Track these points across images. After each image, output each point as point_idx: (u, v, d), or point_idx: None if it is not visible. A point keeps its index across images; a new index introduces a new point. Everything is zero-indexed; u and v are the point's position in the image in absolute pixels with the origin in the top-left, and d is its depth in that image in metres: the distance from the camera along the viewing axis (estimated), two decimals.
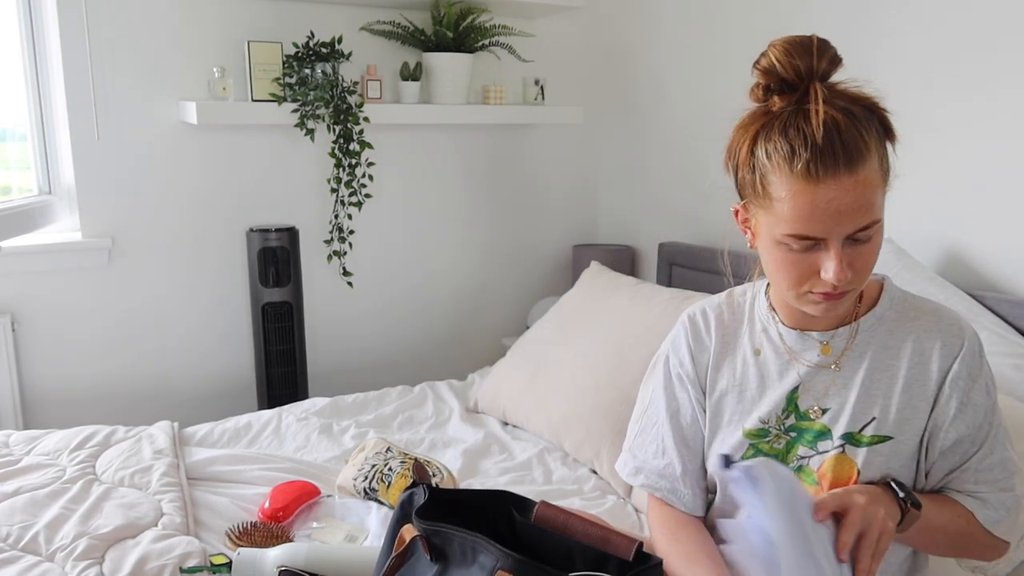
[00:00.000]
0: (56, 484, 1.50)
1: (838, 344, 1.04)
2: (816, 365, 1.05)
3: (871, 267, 0.96)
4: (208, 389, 2.32)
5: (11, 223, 1.84)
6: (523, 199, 2.71)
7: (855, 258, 0.94)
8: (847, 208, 0.90)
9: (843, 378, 1.03)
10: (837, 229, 0.92)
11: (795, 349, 1.06)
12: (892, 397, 1.01)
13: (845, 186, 0.90)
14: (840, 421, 1.02)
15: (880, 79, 1.87)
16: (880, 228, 0.95)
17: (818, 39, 0.95)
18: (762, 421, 1.07)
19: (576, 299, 2.11)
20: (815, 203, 0.91)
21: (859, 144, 0.90)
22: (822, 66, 0.94)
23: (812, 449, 1.03)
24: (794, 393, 1.06)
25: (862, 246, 0.94)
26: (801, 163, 0.90)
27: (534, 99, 2.52)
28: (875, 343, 1.03)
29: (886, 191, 0.96)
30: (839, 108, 0.92)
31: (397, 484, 1.53)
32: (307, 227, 2.35)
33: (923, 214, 1.81)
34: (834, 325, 1.05)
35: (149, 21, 2.06)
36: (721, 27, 2.27)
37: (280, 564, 1.20)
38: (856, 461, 1.00)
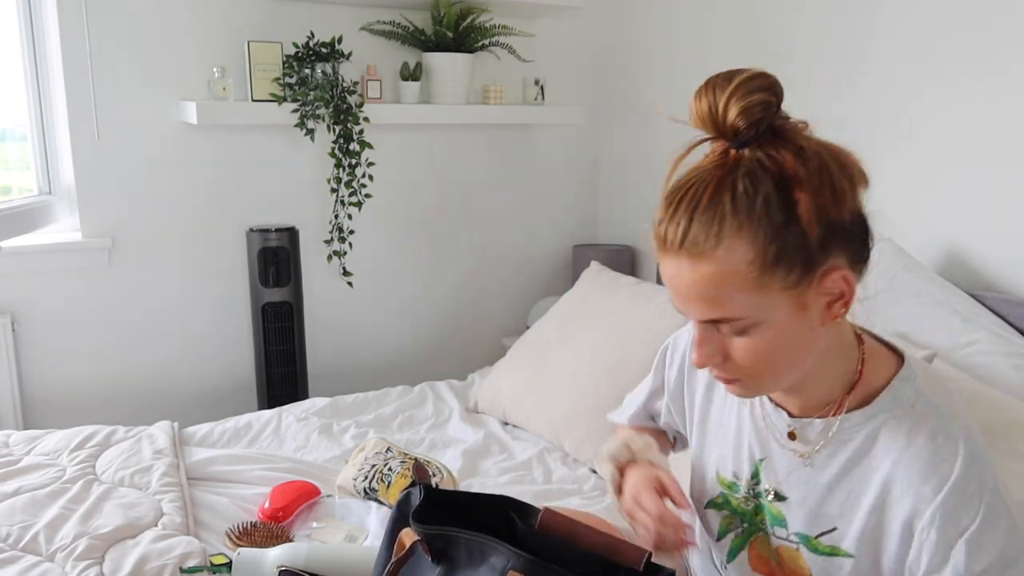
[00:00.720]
0: (56, 484, 1.50)
1: (809, 434, 0.88)
2: (782, 445, 0.91)
3: (763, 365, 0.81)
4: (208, 389, 2.32)
5: (11, 223, 1.84)
6: (523, 199, 2.71)
7: (729, 348, 0.81)
8: (686, 293, 0.79)
9: (810, 473, 0.89)
10: (686, 309, 0.81)
11: (770, 419, 0.93)
12: (857, 511, 0.85)
13: (683, 269, 0.78)
14: (797, 517, 0.90)
15: (879, 79, 1.87)
16: (771, 330, 0.78)
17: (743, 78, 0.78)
18: (735, 475, 0.97)
19: (576, 299, 2.11)
20: (665, 273, 0.81)
21: (709, 231, 0.75)
22: (728, 117, 0.77)
23: (771, 529, 0.94)
24: (760, 464, 0.94)
25: (738, 338, 0.80)
26: (655, 224, 0.80)
27: (534, 99, 2.52)
28: (854, 446, 0.85)
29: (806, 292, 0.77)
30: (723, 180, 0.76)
31: (397, 484, 1.53)
32: (307, 227, 2.35)
33: (923, 214, 1.81)
34: (812, 410, 0.88)
35: (149, 21, 2.06)
36: (721, 27, 2.27)
37: (280, 564, 1.20)
38: (811, 568, 0.89)
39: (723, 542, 0.99)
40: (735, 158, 0.77)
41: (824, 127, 0.85)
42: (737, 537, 0.98)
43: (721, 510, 0.99)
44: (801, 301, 0.78)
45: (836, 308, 0.80)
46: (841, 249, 0.78)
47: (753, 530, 0.96)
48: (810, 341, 0.81)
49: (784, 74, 0.86)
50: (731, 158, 0.77)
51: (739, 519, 0.98)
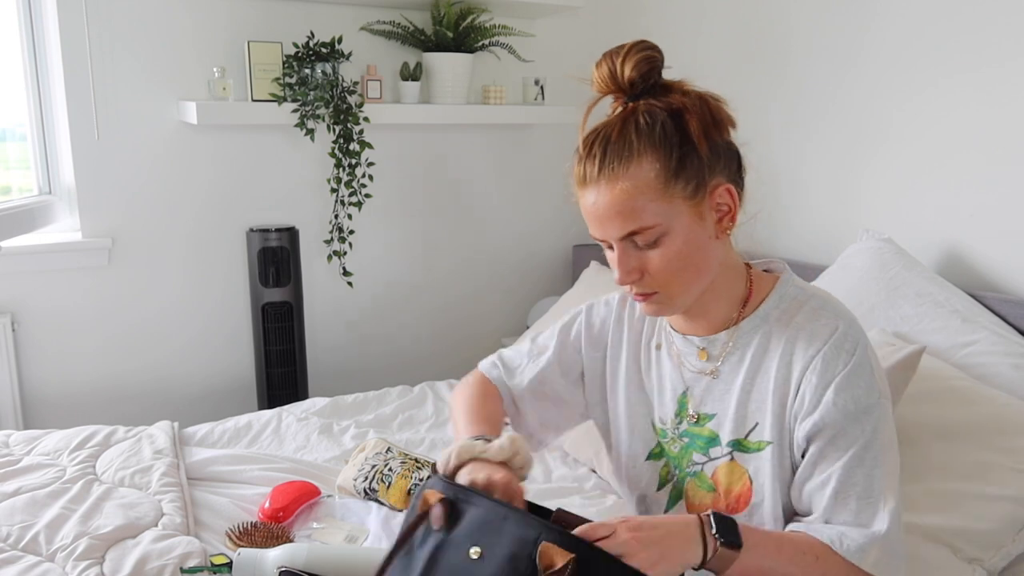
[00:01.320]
0: (56, 484, 1.50)
1: (716, 349, 1.03)
2: (697, 371, 1.04)
3: (673, 273, 0.95)
4: (208, 389, 2.32)
5: (11, 223, 1.84)
6: (523, 199, 2.71)
7: (645, 262, 0.96)
8: (606, 212, 0.94)
9: (723, 384, 1.02)
10: (605, 231, 0.96)
11: (682, 352, 1.06)
12: (767, 401, 0.98)
13: (602, 192, 0.94)
14: (725, 428, 1.01)
15: (879, 79, 1.87)
16: (676, 236, 0.94)
17: (632, 45, 0.95)
18: (660, 421, 1.08)
19: (576, 299, 2.11)
20: (586, 206, 0.97)
21: (622, 152, 0.92)
22: (624, 74, 0.95)
23: (705, 455, 1.03)
24: (683, 398, 1.06)
25: (651, 251, 0.95)
26: (575, 169, 0.97)
27: (534, 99, 2.52)
28: (755, 345, 1.00)
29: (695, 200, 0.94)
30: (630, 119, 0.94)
31: (397, 484, 1.53)
32: (307, 227, 2.35)
33: (923, 214, 1.81)
34: (716, 328, 1.03)
35: (149, 21, 2.06)
36: (719, 27, 2.27)
37: (280, 564, 1.20)
38: (746, 468, 0.99)
39: (662, 492, 1.09)
40: (632, 107, 0.95)
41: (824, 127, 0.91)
42: (674, 486, 1.07)
43: (659, 459, 1.09)
44: (699, 211, 0.94)
45: (725, 222, 0.97)
46: (724, 168, 0.96)
47: (683, 476, 1.06)
48: (709, 252, 0.97)
49: (781, 73, 0.90)
50: (630, 107, 0.95)
51: (672, 466, 1.07)
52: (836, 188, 2.00)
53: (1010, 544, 1.27)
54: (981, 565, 1.25)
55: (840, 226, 1.99)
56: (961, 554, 1.25)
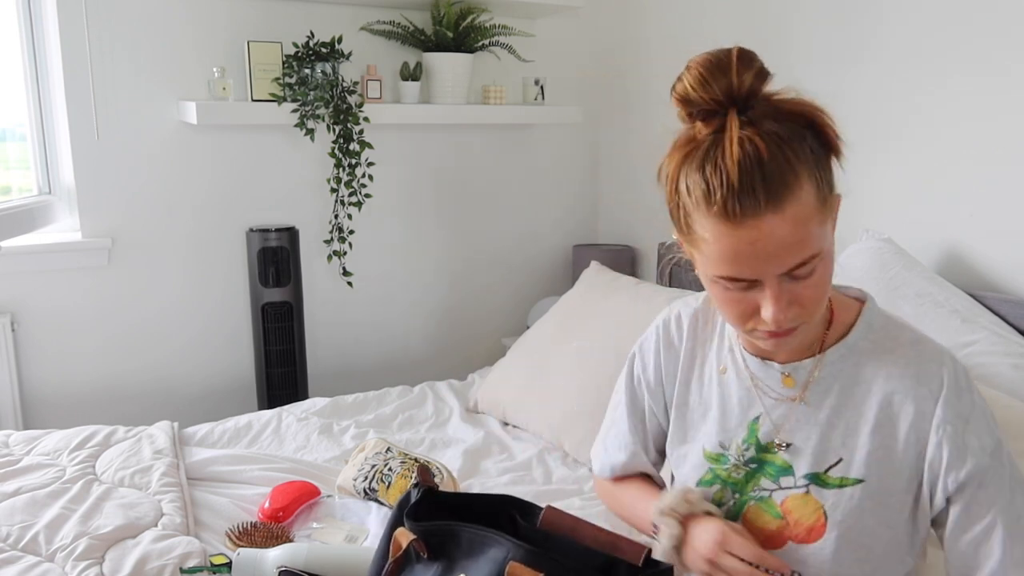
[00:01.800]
0: (56, 484, 1.50)
1: (801, 376, 0.95)
2: (779, 397, 0.97)
3: (820, 300, 0.87)
4: (208, 389, 2.32)
5: (11, 223, 1.84)
6: (523, 199, 2.71)
7: (798, 294, 0.85)
8: (775, 248, 0.81)
9: (808, 413, 0.95)
10: (767, 270, 0.82)
11: (758, 376, 0.98)
12: (859, 437, 0.91)
13: (771, 225, 0.79)
14: (803, 459, 0.95)
15: (879, 79, 1.87)
16: (825, 260, 0.85)
17: (739, 52, 0.82)
18: (722, 446, 1.01)
19: (576, 299, 2.11)
20: (738, 246, 0.81)
21: (785, 177, 0.79)
22: (744, 85, 0.81)
23: (775, 483, 0.97)
24: (755, 424, 0.98)
25: (804, 281, 0.84)
26: (718, 204, 0.80)
27: (534, 99, 2.52)
28: (843, 376, 0.93)
29: (831, 214, 0.86)
30: (765, 133, 0.80)
31: (397, 484, 1.53)
32: (307, 227, 2.35)
33: (923, 214, 1.81)
34: (798, 356, 0.95)
35: (149, 21, 2.06)
36: (721, 26, 2.27)
37: (280, 564, 1.20)
38: (823, 504, 0.93)
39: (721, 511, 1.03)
40: (749, 119, 0.81)
41: None
42: (729, 511, 1.00)
43: (711, 486, 1.02)
44: (833, 224, 0.87)
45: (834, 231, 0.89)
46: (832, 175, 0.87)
47: (744, 500, 0.99)
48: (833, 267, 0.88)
49: (782, 75, 0.88)
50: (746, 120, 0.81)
51: (730, 491, 1.00)
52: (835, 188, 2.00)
53: None
54: None
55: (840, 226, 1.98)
56: None
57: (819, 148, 0.84)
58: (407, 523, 0.94)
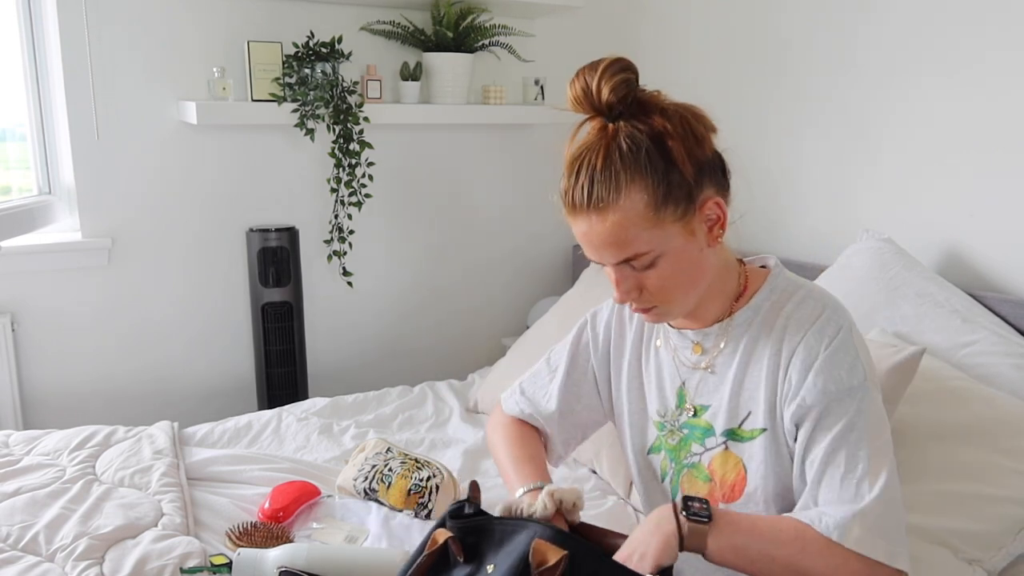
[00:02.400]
0: (56, 484, 1.50)
1: (709, 342, 1.06)
2: (692, 365, 1.08)
3: (671, 289, 0.98)
4: (208, 389, 2.32)
5: (11, 223, 1.84)
6: (523, 199, 2.71)
7: (642, 282, 0.98)
8: (599, 243, 0.96)
9: (717, 376, 1.05)
10: (600, 257, 0.98)
11: (678, 346, 1.10)
12: (759, 389, 1.00)
13: (592, 224, 0.95)
14: (719, 418, 1.04)
15: (878, 79, 1.87)
16: (670, 256, 0.96)
17: (608, 63, 0.94)
18: (659, 415, 1.12)
19: (576, 299, 2.11)
20: (578, 232, 0.98)
21: (610, 187, 0.92)
22: (602, 98, 0.94)
23: (702, 446, 1.06)
24: (681, 390, 1.09)
25: (648, 271, 0.97)
26: (562, 194, 0.98)
27: (534, 99, 2.52)
28: (747, 337, 1.03)
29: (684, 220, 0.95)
30: (612, 144, 0.93)
31: (397, 484, 1.53)
32: (307, 227, 2.35)
33: (923, 214, 1.81)
34: (709, 322, 1.06)
35: (149, 21, 2.06)
36: (721, 26, 2.27)
37: (280, 565, 1.20)
38: (740, 457, 1.02)
39: (666, 483, 1.12)
40: (614, 129, 0.95)
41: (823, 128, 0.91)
42: (672, 479, 1.11)
43: (658, 452, 1.13)
44: (689, 229, 0.96)
45: (716, 230, 0.99)
46: (710, 181, 0.97)
47: (680, 468, 1.09)
48: (703, 262, 0.99)
49: (780, 74, 0.90)
50: (610, 130, 0.95)
51: (669, 459, 1.11)
52: (836, 188, 2.00)
53: (1010, 544, 1.27)
54: (981, 566, 1.25)
55: (840, 226, 1.99)
56: (961, 555, 1.25)
57: (661, 163, 0.93)
58: (448, 522, 0.97)
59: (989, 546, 1.26)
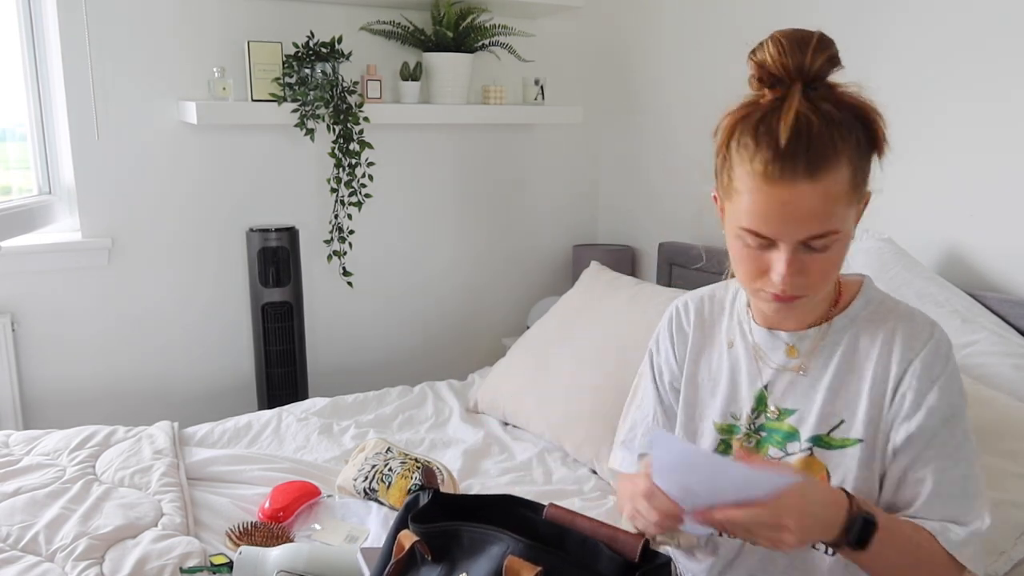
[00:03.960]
0: (56, 484, 1.50)
1: (805, 346, 1.02)
2: (782, 367, 1.04)
3: (828, 277, 0.95)
4: (208, 389, 2.32)
5: (11, 223, 1.84)
6: (523, 199, 2.71)
7: (808, 264, 0.92)
8: (801, 214, 0.89)
9: (809, 381, 1.02)
10: (788, 233, 0.90)
11: (763, 347, 1.06)
12: (860, 400, 0.98)
13: (802, 192, 0.88)
14: (807, 423, 1.01)
15: (879, 79, 1.87)
16: (841, 240, 0.93)
17: (819, 36, 0.93)
18: (733, 416, 1.07)
19: (576, 299, 2.11)
20: (770, 203, 0.89)
21: (827, 152, 0.87)
22: (815, 65, 0.91)
23: (782, 450, 1.03)
24: (762, 392, 1.05)
25: (817, 254, 0.92)
26: (760, 161, 0.88)
27: (534, 99, 2.52)
28: (844, 344, 1.01)
29: (860, 205, 0.94)
30: (820, 111, 0.88)
31: (397, 484, 1.53)
32: (307, 227, 2.35)
33: (923, 214, 1.81)
34: (804, 325, 1.03)
35: (149, 21, 2.06)
36: (721, 26, 2.27)
37: (281, 567, 1.20)
38: (826, 464, 0.99)
39: None
40: (813, 97, 0.90)
41: None
42: None
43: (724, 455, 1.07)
44: (858, 214, 0.95)
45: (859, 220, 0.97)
46: None
47: None
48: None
49: None
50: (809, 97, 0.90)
51: None
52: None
53: (1012, 549, 1.26)
54: None
55: None
56: None
57: (865, 141, 0.91)
58: (411, 526, 0.94)
59: (990, 551, 1.25)
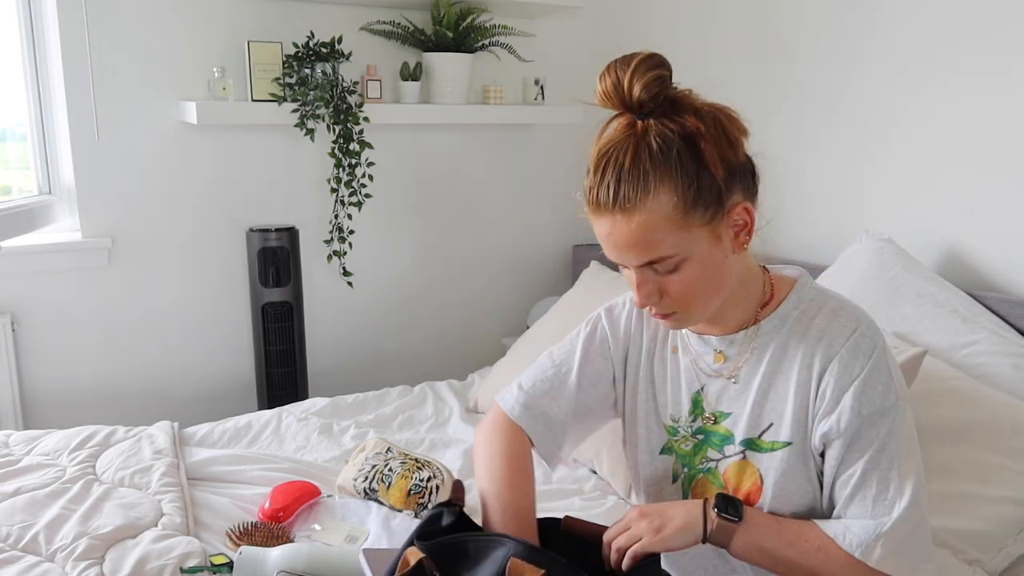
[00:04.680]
0: (56, 484, 1.50)
1: (733, 350, 1.03)
2: (714, 372, 1.04)
3: (693, 295, 0.95)
4: (208, 389, 2.32)
5: (11, 223, 1.84)
6: (523, 199, 2.71)
7: (665, 285, 0.94)
8: (623, 244, 0.92)
9: (740, 385, 1.02)
10: (621, 258, 0.94)
11: (698, 352, 1.06)
12: (787, 402, 0.98)
13: (617, 222, 0.91)
14: (739, 427, 1.02)
15: (878, 79, 1.87)
16: (695, 261, 0.92)
17: (639, 61, 0.91)
18: (673, 419, 1.09)
19: (576, 299, 2.11)
20: (600, 232, 0.94)
21: (638, 187, 0.89)
22: (635, 94, 0.90)
23: (720, 452, 1.04)
24: (698, 396, 1.06)
25: (671, 275, 0.93)
26: (586, 192, 0.93)
27: (534, 99, 2.52)
28: (773, 346, 1.00)
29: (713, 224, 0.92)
30: (637, 144, 0.90)
31: (397, 484, 1.53)
32: (307, 227, 2.35)
33: (923, 214, 1.81)
34: (733, 329, 1.03)
35: (149, 21, 2.06)
36: (720, 27, 2.27)
37: (281, 567, 1.19)
38: (758, 467, 1.00)
39: (676, 485, 1.09)
40: (643, 127, 0.91)
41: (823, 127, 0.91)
42: (683, 484, 1.08)
43: (671, 454, 1.10)
44: (716, 234, 0.93)
45: (742, 236, 0.96)
46: (739, 185, 0.94)
47: (693, 474, 1.07)
48: (727, 268, 0.96)
49: (782, 75, 0.90)
50: (639, 127, 0.91)
51: (681, 464, 1.08)
52: (836, 189, 2.00)
53: (1011, 545, 1.27)
54: (982, 567, 1.25)
55: (840, 226, 1.99)
56: (962, 556, 1.25)
57: (695, 167, 0.90)
58: (416, 544, 0.94)
59: (989, 547, 1.26)
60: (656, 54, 0.92)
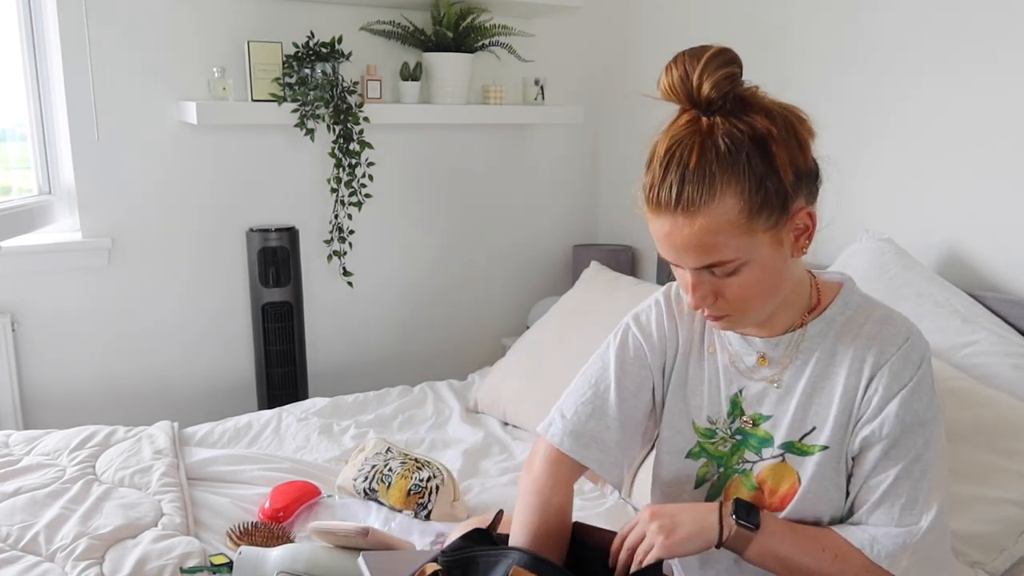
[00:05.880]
0: (56, 484, 1.50)
1: (778, 353, 1.01)
2: (753, 374, 1.03)
3: (749, 299, 0.92)
4: (208, 389, 2.32)
5: (11, 223, 1.84)
6: (523, 199, 2.71)
7: (722, 288, 0.92)
8: (683, 245, 0.89)
9: (783, 389, 1.01)
10: (679, 260, 0.91)
11: (739, 353, 1.04)
12: (831, 407, 0.97)
13: (678, 224, 0.88)
14: (780, 429, 1.00)
15: (878, 78, 1.87)
16: (753, 265, 0.90)
17: (710, 56, 0.87)
18: (710, 421, 1.06)
19: (576, 299, 2.11)
20: (655, 230, 0.91)
21: (703, 188, 0.85)
22: (703, 90, 0.87)
23: (757, 455, 1.02)
24: (737, 397, 1.04)
25: (729, 278, 0.91)
26: (645, 187, 0.90)
27: (534, 99, 2.52)
28: (820, 350, 0.98)
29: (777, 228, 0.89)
30: (703, 143, 0.86)
31: (397, 484, 1.53)
32: (307, 227, 2.35)
33: (923, 214, 1.81)
34: (778, 332, 1.01)
35: (149, 21, 2.06)
36: (720, 26, 2.27)
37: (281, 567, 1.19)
38: (797, 470, 0.99)
39: (700, 490, 1.07)
40: (709, 125, 0.87)
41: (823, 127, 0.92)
42: (713, 485, 1.05)
43: (698, 459, 1.07)
44: (778, 238, 0.90)
45: (803, 241, 0.93)
46: (805, 189, 0.91)
47: (728, 474, 1.04)
48: (785, 273, 0.94)
49: (782, 73, 0.90)
50: (704, 124, 0.88)
51: (715, 464, 1.05)
52: (836, 188, 1.99)
53: (1012, 547, 1.27)
54: (983, 568, 1.25)
55: (840, 226, 1.99)
56: (963, 558, 1.25)
57: (765, 168, 0.86)
58: (440, 558, 0.97)
59: (990, 548, 1.26)
60: (727, 48, 0.88)
